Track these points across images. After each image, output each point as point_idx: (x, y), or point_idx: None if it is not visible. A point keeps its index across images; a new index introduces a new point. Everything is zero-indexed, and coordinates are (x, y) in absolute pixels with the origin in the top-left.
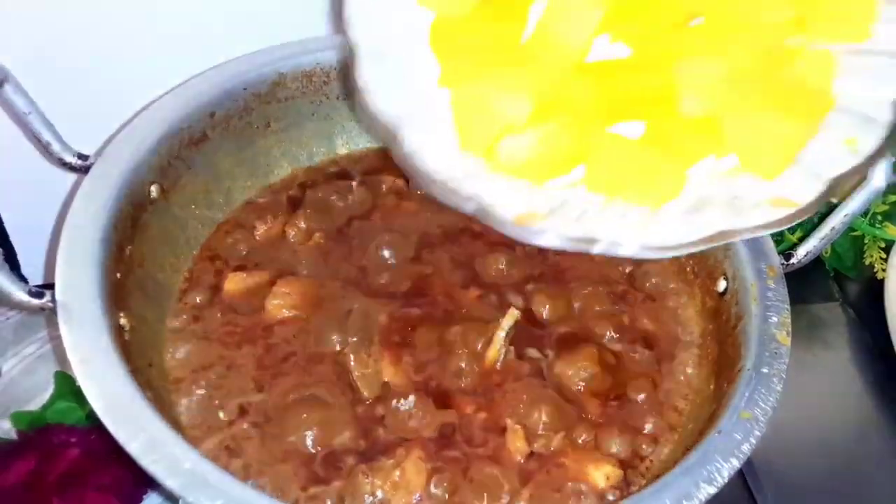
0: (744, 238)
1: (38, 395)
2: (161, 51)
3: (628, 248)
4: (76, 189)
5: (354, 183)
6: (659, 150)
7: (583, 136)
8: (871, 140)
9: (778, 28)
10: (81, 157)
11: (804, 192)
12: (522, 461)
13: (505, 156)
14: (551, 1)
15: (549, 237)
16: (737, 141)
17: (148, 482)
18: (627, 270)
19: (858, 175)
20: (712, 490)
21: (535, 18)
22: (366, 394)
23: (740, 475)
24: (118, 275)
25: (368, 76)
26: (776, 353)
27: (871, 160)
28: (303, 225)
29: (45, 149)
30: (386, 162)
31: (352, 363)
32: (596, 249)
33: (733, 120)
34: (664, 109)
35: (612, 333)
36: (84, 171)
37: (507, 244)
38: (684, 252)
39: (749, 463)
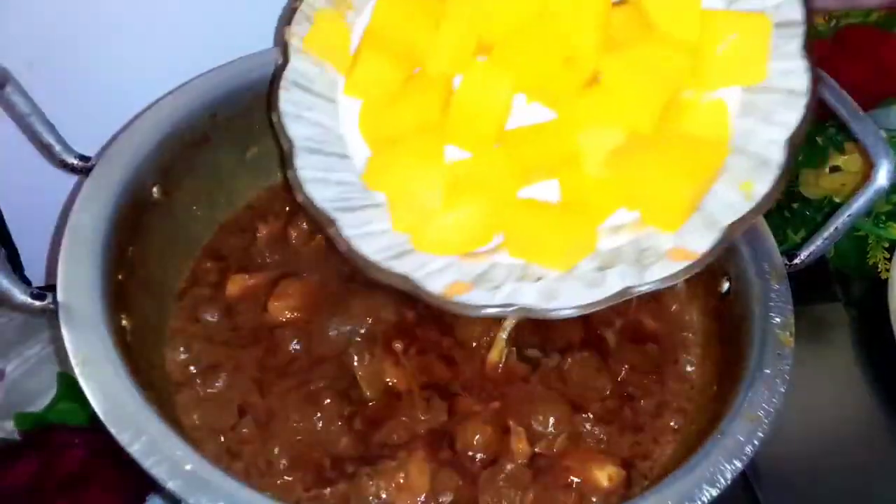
0: (642, 293)
1: (41, 396)
2: (162, 51)
3: (539, 312)
4: (77, 191)
5: None
6: (570, 212)
7: (498, 209)
8: (765, 184)
9: (675, 78)
10: (83, 158)
11: (701, 241)
12: (525, 462)
13: (429, 236)
14: (466, 73)
15: (473, 307)
16: (638, 199)
17: (150, 484)
18: None
19: (752, 221)
20: (715, 492)
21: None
22: (368, 394)
23: (743, 476)
24: (120, 276)
25: (305, 169)
26: (779, 354)
27: (763, 205)
28: (305, 226)
29: (46, 150)
30: None
31: (354, 364)
32: (512, 312)
33: (633, 180)
34: (574, 169)
35: (615, 334)
36: (85, 172)
37: None
38: (591, 311)
39: (752, 464)
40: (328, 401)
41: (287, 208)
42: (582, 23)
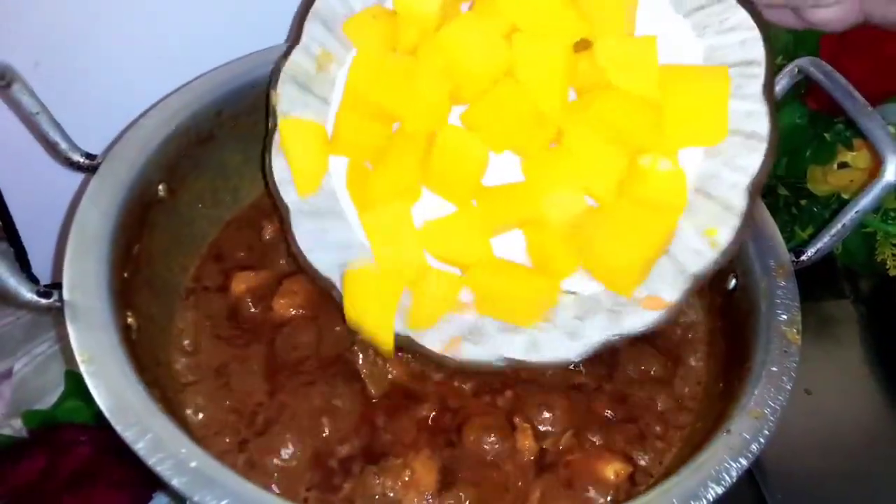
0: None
1: (49, 394)
2: (168, 49)
3: (528, 364)
4: (84, 189)
5: None
6: (534, 274)
7: (468, 271)
8: (727, 232)
9: (636, 138)
10: (89, 156)
11: (672, 291)
12: (532, 459)
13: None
14: (441, 137)
15: (469, 363)
16: (593, 265)
17: (156, 481)
18: None
19: (719, 267)
20: (720, 490)
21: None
22: (373, 391)
23: (749, 474)
24: (126, 274)
25: (304, 235)
26: (786, 351)
27: (728, 252)
28: None
29: (52, 148)
30: None
31: (360, 361)
32: (505, 366)
33: (589, 247)
34: (539, 230)
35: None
36: (91, 170)
37: None
38: (574, 361)
39: (758, 461)
40: (334, 399)
41: None
42: (546, 83)
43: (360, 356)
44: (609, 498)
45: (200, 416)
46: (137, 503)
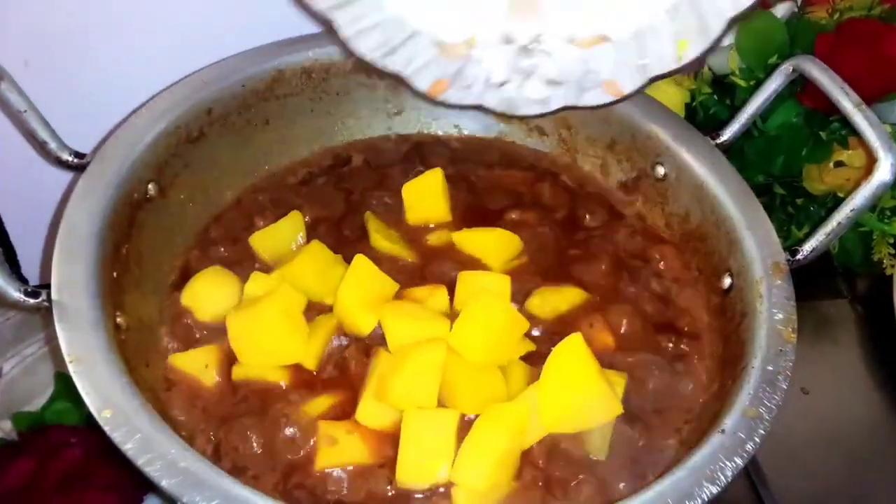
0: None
1: (39, 395)
2: (158, 48)
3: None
4: (73, 188)
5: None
6: None
7: None
8: (695, 49)
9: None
10: (78, 155)
11: (629, 83)
12: None
13: None
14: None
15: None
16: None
17: (148, 483)
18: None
19: (672, 75)
20: (715, 489)
21: None
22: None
23: (746, 473)
24: (115, 273)
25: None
26: (782, 350)
27: (686, 69)
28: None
29: (41, 147)
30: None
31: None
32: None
33: None
34: None
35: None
36: (80, 169)
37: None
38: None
39: (755, 460)
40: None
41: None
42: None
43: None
44: None
45: (190, 416)
46: None
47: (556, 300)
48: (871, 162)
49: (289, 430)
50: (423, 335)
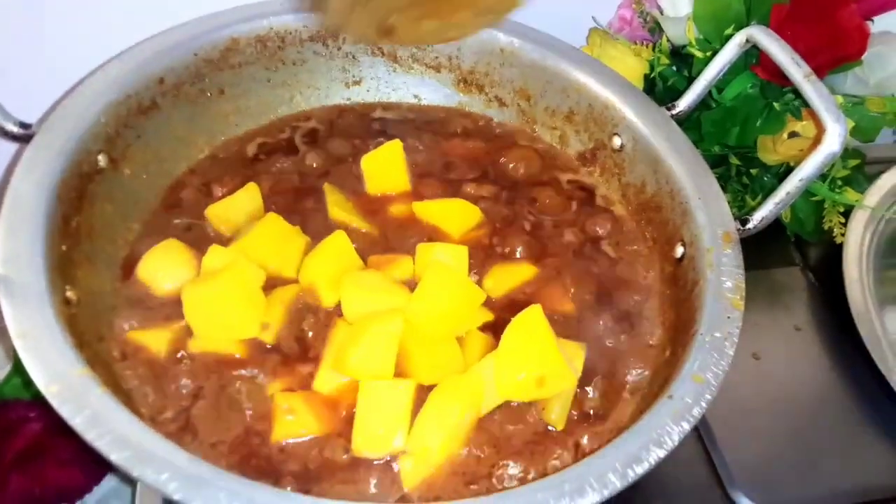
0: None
1: None
2: (107, 14)
3: None
4: (18, 159)
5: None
6: None
7: None
8: None
9: None
10: (23, 125)
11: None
12: None
13: None
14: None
15: None
16: None
17: (106, 463)
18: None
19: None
20: (662, 453)
21: None
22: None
23: (697, 436)
24: (64, 247)
25: None
26: (729, 317)
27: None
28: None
29: None
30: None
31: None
32: None
33: None
34: None
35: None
36: (26, 140)
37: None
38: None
39: (705, 424)
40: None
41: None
42: None
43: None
44: None
45: (143, 390)
46: (89, 481)
47: (511, 275)
48: (820, 132)
49: (246, 403)
50: (381, 306)
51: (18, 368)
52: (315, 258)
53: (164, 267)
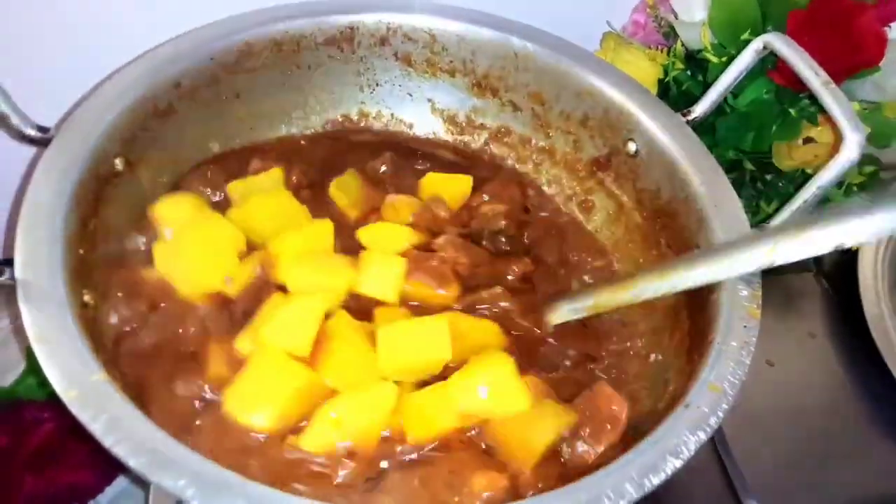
0: None
1: (10, 371)
2: (124, 18)
3: None
4: (36, 163)
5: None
6: None
7: None
8: None
9: None
10: (42, 129)
11: None
12: None
13: None
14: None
15: None
16: None
17: (118, 464)
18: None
19: None
20: (679, 462)
21: None
22: None
23: (710, 442)
24: (81, 251)
25: None
26: (746, 326)
27: None
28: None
29: (2, 121)
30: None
31: None
32: None
33: None
34: None
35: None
36: (44, 144)
37: None
38: None
39: (719, 430)
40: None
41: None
42: None
43: None
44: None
45: (161, 394)
46: (101, 481)
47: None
48: (837, 139)
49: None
50: (322, 285)
51: (32, 368)
52: (291, 235)
53: None
